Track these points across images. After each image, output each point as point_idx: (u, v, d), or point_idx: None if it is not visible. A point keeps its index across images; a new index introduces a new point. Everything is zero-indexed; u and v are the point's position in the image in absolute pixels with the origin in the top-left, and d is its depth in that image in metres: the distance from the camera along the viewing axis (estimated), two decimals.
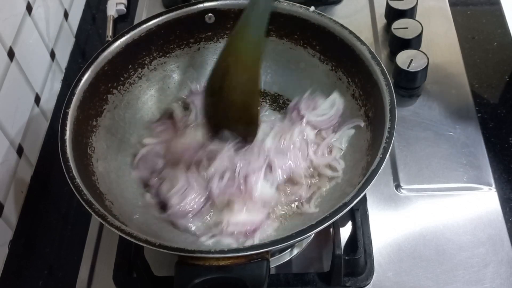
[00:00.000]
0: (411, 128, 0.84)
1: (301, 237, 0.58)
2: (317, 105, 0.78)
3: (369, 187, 0.60)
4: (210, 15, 0.79)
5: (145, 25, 0.77)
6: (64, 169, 0.64)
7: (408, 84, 0.88)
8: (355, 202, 0.59)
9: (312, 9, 0.76)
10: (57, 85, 0.94)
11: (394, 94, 0.67)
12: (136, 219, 0.69)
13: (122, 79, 0.77)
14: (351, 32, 0.73)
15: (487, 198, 0.77)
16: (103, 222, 0.60)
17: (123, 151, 0.76)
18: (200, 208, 0.71)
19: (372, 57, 0.71)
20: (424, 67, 0.85)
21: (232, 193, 0.70)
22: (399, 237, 0.74)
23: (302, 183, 0.73)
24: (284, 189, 0.72)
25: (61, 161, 0.64)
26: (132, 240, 0.59)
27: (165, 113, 0.81)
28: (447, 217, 0.75)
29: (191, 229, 0.69)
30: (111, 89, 0.76)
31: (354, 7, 1.01)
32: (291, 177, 0.73)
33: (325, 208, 0.67)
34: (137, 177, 0.74)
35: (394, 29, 0.90)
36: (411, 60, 0.86)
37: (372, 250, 0.71)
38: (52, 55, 0.92)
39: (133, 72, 0.78)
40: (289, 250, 0.73)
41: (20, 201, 0.79)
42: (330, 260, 0.68)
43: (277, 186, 0.72)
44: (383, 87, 0.68)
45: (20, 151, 0.79)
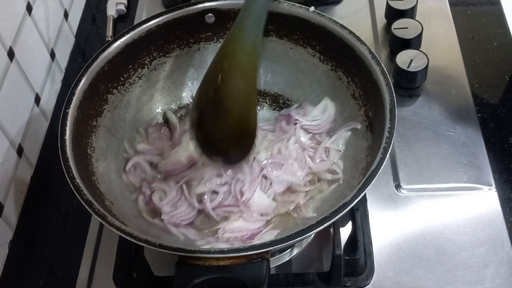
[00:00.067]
0: (411, 128, 0.84)
1: (301, 237, 0.58)
2: (308, 112, 0.79)
3: (369, 187, 0.60)
4: (210, 15, 0.79)
5: (145, 25, 0.77)
6: (64, 169, 0.64)
7: (408, 84, 0.88)
8: (355, 202, 0.59)
9: (312, 9, 0.76)
10: (57, 85, 0.94)
11: (394, 94, 0.67)
12: (135, 219, 0.69)
13: (122, 79, 0.77)
14: (351, 32, 0.73)
15: (487, 198, 0.77)
16: (103, 222, 0.60)
17: (123, 151, 0.76)
18: (193, 219, 0.71)
19: (372, 57, 0.71)
20: (424, 67, 0.85)
21: (228, 207, 0.70)
22: (399, 237, 0.74)
23: (300, 191, 0.73)
24: (282, 199, 0.73)
25: (61, 161, 0.64)
26: (132, 240, 0.58)
27: (162, 120, 0.81)
28: (447, 217, 0.75)
29: (186, 236, 0.69)
30: (111, 89, 0.76)
31: (354, 7, 1.01)
32: (289, 187, 0.73)
33: (324, 209, 0.67)
34: (127, 182, 0.74)
35: (394, 29, 0.90)
36: (411, 60, 0.86)
37: (372, 250, 0.71)
38: (52, 55, 0.92)
39: (133, 72, 0.78)
40: (289, 250, 0.72)
41: (20, 201, 0.79)
42: (330, 260, 0.68)
43: (274, 196, 0.72)
44: (383, 87, 0.68)
45: (20, 151, 0.79)
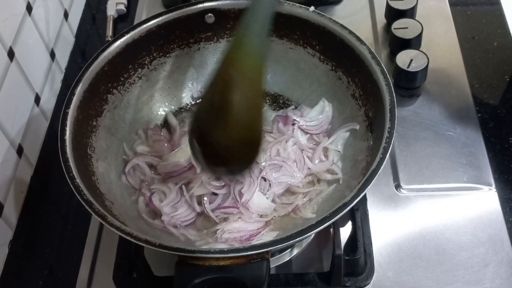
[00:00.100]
0: (411, 128, 0.84)
1: (301, 237, 0.58)
2: (304, 113, 0.79)
3: (369, 187, 0.60)
4: (210, 15, 0.79)
5: (145, 25, 0.77)
6: (64, 169, 0.64)
7: (408, 84, 0.88)
8: (355, 202, 0.59)
9: (312, 9, 0.76)
10: (57, 85, 0.94)
11: (394, 94, 0.67)
12: (135, 219, 0.69)
13: (122, 79, 0.77)
14: (351, 32, 0.73)
15: (487, 198, 0.77)
16: (103, 222, 0.60)
17: (124, 152, 0.76)
18: (192, 220, 0.71)
19: (372, 57, 0.71)
20: (424, 67, 0.85)
21: (228, 208, 0.70)
22: (399, 237, 0.74)
23: (299, 192, 0.73)
24: (281, 200, 0.73)
25: (61, 161, 0.64)
26: (132, 240, 0.58)
27: (162, 122, 0.81)
28: (447, 217, 0.75)
29: (186, 237, 0.69)
30: (111, 89, 0.76)
31: (354, 7, 1.01)
32: (288, 189, 0.73)
33: (324, 209, 0.67)
34: (127, 184, 0.74)
35: (394, 29, 0.90)
36: (411, 60, 0.86)
37: (372, 250, 0.71)
38: (52, 55, 0.92)
39: (133, 72, 0.78)
40: (289, 250, 0.72)
41: (20, 201, 0.79)
42: (330, 260, 0.68)
43: (273, 198, 0.72)
44: (383, 87, 0.68)
45: (20, 151, 0.79)
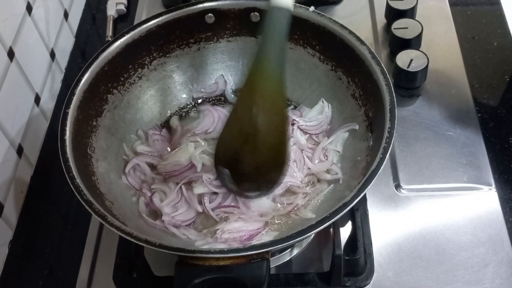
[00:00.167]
0: (411, 128, 0.84)
1: (301, 237, 0.58)
2: (304, 113, 0.79)
3: (369, 187, 0.60)
4: (210, 15, 0.79)
5: (145, 25, 0.77)
6: (64, 169, 0.64)
7: (408, 84, 0.88)
8: (355, 202, 0.59)
9: (312, 9, 0.76)
10: (57, 85, 0.94)
11: (394, 94, 0.67)
12: (135, 219, 0.69)
13: (122, 79, 0.77)
14: (351, 32, 0.73)
15: (487, 198, 0.77)
16: (103, 222, 0.60)
17: (124, 152, 0.76)
18: (193, 220, 0.71)
19: (372, 57, 0.71)
20: (424, 67, 0.85)
21: (228, 208, 0.70)
22: (399, 237, 0.74)
23: (300, 192, 0.73)
24: (281, 200, 0.72)
25: (61, 161, 0.64)
26: (132, 240, 0.58)
27: (162, 122, 0.81)
28: (447, 217, 0.75)
29: (187, 237, 0.69)
30: (111, 89, 0.76)
31: (354, 7, 1.01)
32: (288, 189, 0.73)
33: (324, 209, 0.67)
34: (127, 184, 0.74)
35: (394, 29, 0.90)
36: (411, 60, 0.86)
37: (372, 250, 0.71)
38: (52, 55, 0.92)
39: (133, 72, 0.78)
40: (289, 250, 0.72)
41: (20, 201, 0.79)
42: (330, 260, 0.68)
43: (274, 198, 0.72)
44: (383, 87, 0.68)
45: (20, 151, 0.79)
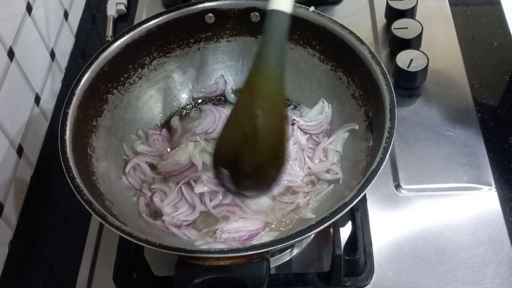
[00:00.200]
0: (411, 128, 0.84)
1: (301, 237, 0.58)
2: (304, 113, 0.79)
3: (369, 187, 0.60)
4: (210, 15, 0.79)
5: (145, 25, 0.77)
6: (64, 169, 0.64)
7: (408, 84, 0.88)
8: (355, 202, 0.59)
9: (312, 9, 0.76)
10: (57, 85, 0.94)
11: (394, 94, 0.67)
12: (135, 219, 0.69)
13: (122, 79, 0.77)
14: (351, 32, 0.73)
15: (487, 198, 0.77)
16: (103, 222, 0.60)
17: (124, 152, 0.76)
18: (193, 219, 0.71)
19: (372, 57, 0.71)
20: (424, 67, 0.85)
21: (229, 206, 0.70)
22: (399, 237, 0.74)
23: (300, 192, 0.73)
24: (281, 199, 0.72)
25: (61, 161, 0.64)
26: (132, 240, 0.58)
27: (163, 122, 0.81)
28: (447, 217, 0.75)
29: (186, 237, 0.69)
30: (111, 89, 0.76)
31: (354, 7, 1.01)
32: (289, 188, 0.73)
33: (324, 209, 0.67)
34: (127, 184, 0.74)
35: (394, 29, 0.90)
36: (411, 60, 0.86)
37: (372, 250, 0.71)
38: (52, 55, 0.92)
39: (133, 72, 0.78)
40: (289, 250, 0.72)
41: (20, 201, 0.79)
42: (330, 260, 0.68)
43: (274, 197, 0.72)
44: (383, 87, 0.68)
45: (20, 151, 0.79)
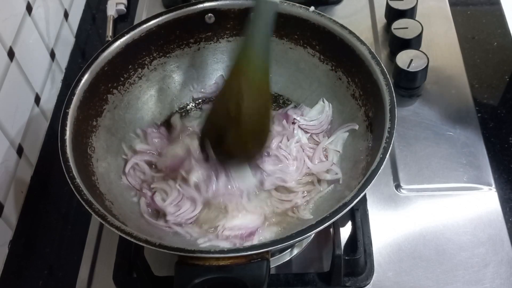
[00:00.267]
0: (411, 128, 0.84)
1: (301, 237, 0.58)
2: (304, 112, 0.79)
3: (369, 187, 0.60)
4: (210, 15, 0.79)
5: (145, 25, 0.77)
6: (64, 169, 0.64)
7: (408, 84, 0.88)
8: (355, 202, 0.59)
9: (312, 9, 0.76)
10: (57, 85, 0.94)
11: (394, 94, 0.67)
12: (135, 219, 0.69)
13: (122, 79, 0.77)
14: (351, 32, 0.73)
15: (487, 198, 0.77)
16: (103, 222, 0.60)
17: (123, 151, 0.76)
18: (196, 217, 0.71)
19: (372, 57, 0.71)
20: (424, 67, 0.85)
21: (227, 196, 0.70)
22: (399, 237, 0.74)
23: (298, 191, 0.73)
24: (278, 195, 0.72)
25: (61, 161, 0.64)
26: (132, 240, 0.59)
27: (163, 122, 0.81)
28: (447, 217, 0.75)
29: (189, 235, 0.69)
30: (111, 89, 0.76)
31: (354, 7, 1.01)
32: (287, 187, 0.73)
33: (324, 209, 0.67)
34: (127, 184, 0.74)
35: (394, 29, 0.90)
36: (411, 60, 0.86)
37: (372, 250, 0.71)
38: (52, 55, 0.92)
39: (133, 72, 0.78)
40: (289, 250, 0.72)
41: (20, 201, 0.79)
42: (330, 260, 0.68)
43: (270, 192, 0.72)
44: (383, 87, 0.68)
45: (20, 151, 0.79)
